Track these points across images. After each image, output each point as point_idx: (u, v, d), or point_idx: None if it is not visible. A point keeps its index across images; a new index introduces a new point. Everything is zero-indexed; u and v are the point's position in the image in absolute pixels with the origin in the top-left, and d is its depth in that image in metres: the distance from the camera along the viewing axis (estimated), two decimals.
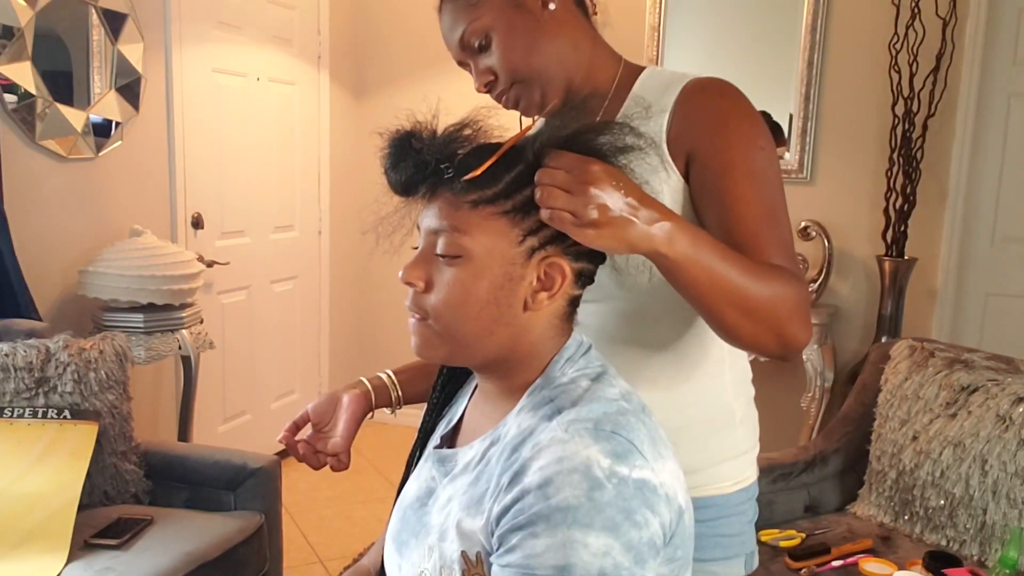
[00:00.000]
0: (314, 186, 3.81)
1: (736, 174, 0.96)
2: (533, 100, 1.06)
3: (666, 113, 1.01)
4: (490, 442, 0.80)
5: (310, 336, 3.86)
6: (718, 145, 0.98)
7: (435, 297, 0.79)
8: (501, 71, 1.04)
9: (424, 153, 0.78)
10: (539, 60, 1.03)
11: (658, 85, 1.05)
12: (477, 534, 0.75)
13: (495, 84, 1.06)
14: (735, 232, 0.94)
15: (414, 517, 0.85)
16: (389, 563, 0.88)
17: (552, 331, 0.81)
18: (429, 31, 3.96)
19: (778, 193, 0.98)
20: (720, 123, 0.99)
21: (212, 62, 3.11)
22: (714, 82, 1.03)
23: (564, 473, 0.69)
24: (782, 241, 0.96)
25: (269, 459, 2.19)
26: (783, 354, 0.91)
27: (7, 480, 1.84)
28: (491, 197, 0.77)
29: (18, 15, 2.33)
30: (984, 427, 1.93)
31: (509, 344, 0.79)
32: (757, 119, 1.00)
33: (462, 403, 0.94)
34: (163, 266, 2.46)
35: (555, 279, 0.78)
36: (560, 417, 0.75)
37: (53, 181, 2.51)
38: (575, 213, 0.75)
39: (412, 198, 0.81)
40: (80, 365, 2.03)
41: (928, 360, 2.12)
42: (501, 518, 0.72)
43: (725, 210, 0.96)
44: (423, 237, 0.81)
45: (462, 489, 0.80)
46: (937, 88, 3.02)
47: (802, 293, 0.91)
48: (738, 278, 0.85)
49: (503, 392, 0.83)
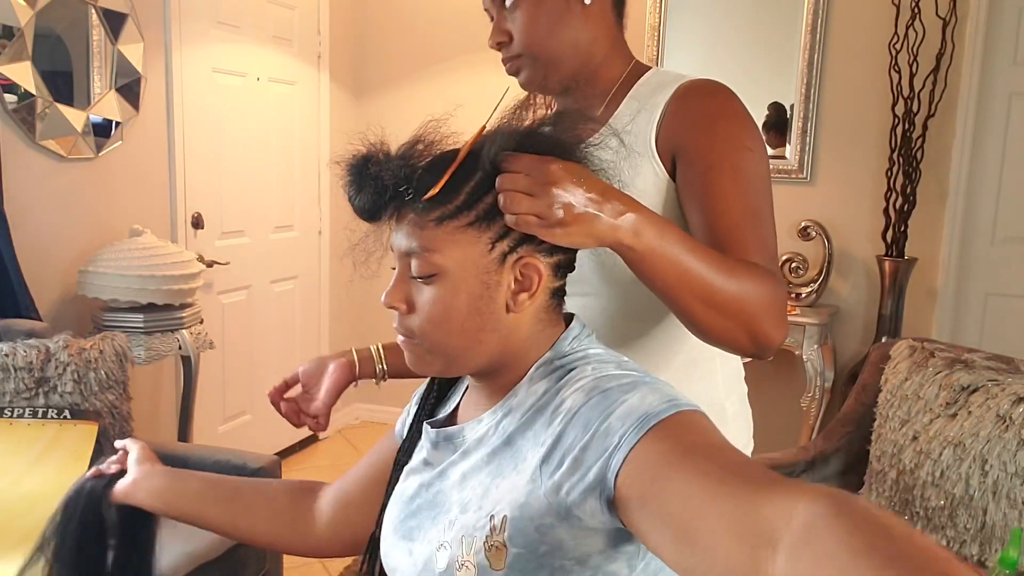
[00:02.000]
0: (314, 186, 3.81)
1: (720, 171, 0.97)
2: (535, 77, 1.08)
3: (657, 111, 1.02)
4: (502, 414, 0.81)
5: (310, 336, 3.85)
6: (703, 143, 0.99)
7: (418, 317, 0.79)
8: (517, 39, 1.06)
9: (382, 177, 0.77)
10: (555, 44, 1.05)
11: (655, 86, 1.06)
12: (504, 494, 0.74)
13: (506, 47, 1.07)
14: (715, 228, 0.95)
15: (424, 502, 0.84)
16: (394, 553, 0.86)
17: (541, 324, 0.82)
18: (429, 31, 3.99)
19: (762, 194, 0.98)
20: (707, 122, 1.00)
21: (212, 62, 3.11)
22: (706, 83, 1.04)
23: (603, 379, 0.73)
24: (762, 240, 0.95)
25: (269, 459, 2.19)
26: (756, 352, 0.91)
27: (7, 480, 1.84)
28: (454, 212, 0.77)
29: (18, 15, 2.33)
30: (984, 427, 1.93)
31: (499, 347, 0.80)
32: (746, 120, 1.01)
33: (454, 400, 0.94)
34: (163, 266, 2.46)
35: (532, 278, 0.79)
36: (578, 368, 0.78)
37: (53, 181, 2.51)
38: (540, 215, 0.75)
39: (379, 222, 0.82)
40: (80, 365, 2.03)
41: (928, 360, 2.12)
42: (552, 451, 0.71)
43: (707, 207, 0.97)
44: (397, 259, 0.82)
45: (479, 462, 0.80)
46: (937, 88, 3.02)
47: (777, 291, 0.90)
48: (706, 271, 0.85)
49: (502, 384, 0.83)
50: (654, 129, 1.02)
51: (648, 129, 1.02)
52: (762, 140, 1.02)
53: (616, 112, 1.07)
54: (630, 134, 1.03)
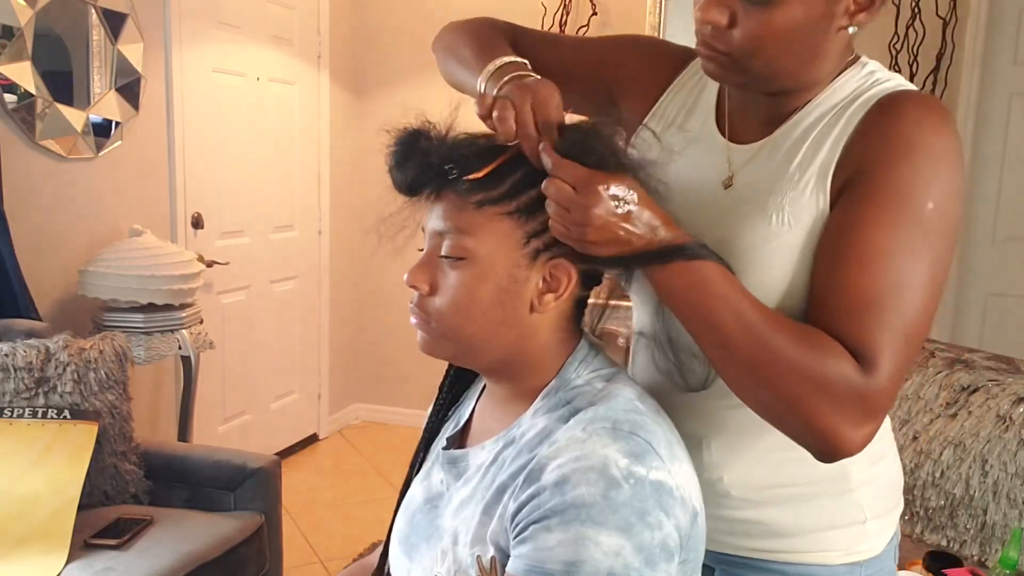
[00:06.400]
0: (314, 186, 3.81)
1: (874, 225, 0.76)
2: (730, 79, 0.86)
3: (847, 133, 0.82)
4: (504, 444, 0.80)
5: (310, 336, 3.85)
6: (876, 180, 0.77)
7: (439, 300, 0.78)
8: (743, 42, 0.80)
9: (431, 153, 0.77)
10: (782, 64, 0.82)
11: (843, 98, 0.85)
12: (493, 537, 0.74)
13: (721, 34, 0.80)
14: (830, 290, 0.76)
15: (424, 520, 0.85)
16: (397, 566, 0.87)
17: (560, 333, 0.81)
18: (429, 31, 3.96)
19: (923, 267, 0.75)
20: (894, 153, 0.77)
21: (212, 62, 3.11)
22: (917, 98, 0.81)
23: (581, 471, 0.69)
24: (893, 330, 0.74)
25: (269, 459, 2.19)
26: (817, 446, 0.74)
27: (7, 480, 1.83)
28: (496, 198, 0.76)
29: (18, 15, 2.33)
30: (984, 427, 1.93)
31: (516, 346, 0.79)
32: (946, 163, 0.77)
33: (469, 404, 0.93)
34: (163, 266, 2.46)
35: (561, 280, 0.78)
36: (578, 417, 0.74)
37: (53, 181, 2.50)
38: (578, 237, 0.73)
39: (416, 198, 0.81)
40: (80, 365, 2.03)
41: (928, 360, 2.12)
42: (517, 514, 0.72)
43: (836, 261, 0.77)
44: (428, 239, 0.80)
45: (476, 492, 0.79)
46: (937, 88, 3.02)
47: (858, 379, 0.72)
48: (749, 319, 0.73)
49: (513, 395, 0.82)
50: (837, 154, 0.81)
51: (829, 157, 0.82)
52: (960, 194, 0.78)
53: (791, 139, 0.86)
54: (792, 158, 0.84)
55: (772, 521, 0.89)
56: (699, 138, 0.93)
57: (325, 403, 3.96)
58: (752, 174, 0.87)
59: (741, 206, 0.85)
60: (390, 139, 0.80)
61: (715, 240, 0.80)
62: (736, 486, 0.89)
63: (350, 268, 4.06)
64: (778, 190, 0.83)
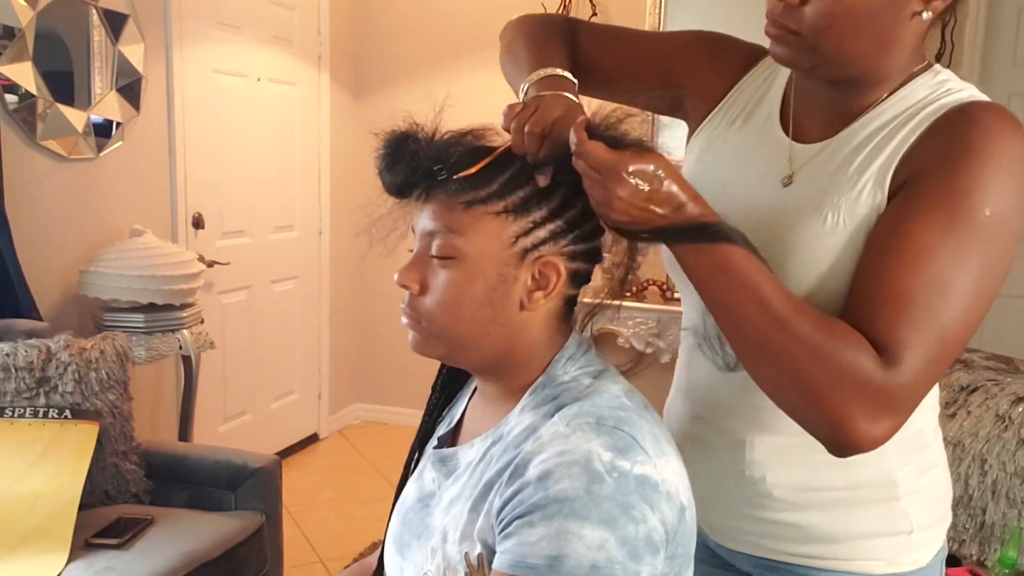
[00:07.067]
0: (314, 186, 3.81)
1: (929, 219, 0.74)
2: (798, 62, 0.84)
3: (911, 139, 0.81)
4: (492, 441, 0.80)
5: (310, 336, 3.86)
6: (934, 180, 0.76)
7: (430, 299, 0.79)
8: (813, 23, 0.79)
9: (420, 155, 0.77)
10: (854, 47, 0.80)
11: (912, 105, 0.84)
12: (480, 534, 0.75)
13: (792, 11, 0.80)
14: (866, 281, 0.76)
15: (415, 519, 0.85)
16: (390, 564, 0.87)
17: (549, 331, 0.81)
18: (429, 31, 3.99)
19: (970, 271, 0.73)
20: (957, 155, 0.76)
21: (212, 62, 3.11)
22: (987, 108, 0.79)
23: (564, 465, 0.69)
24: (924, 328, 0.72)
25: (269, 459, 2.19)
26: (830, 437, 0.73)
27: (7, 480, 1.84)
28: (484, 197, 0.77)
29: (19, 15, 2.33)
30: (983, 427, 1.93)
31: (506, 345, 0.80)
32: (1013, 174, 0.75)
33: (461, 404, 0.94)
34: (163, 266, 2.46)
35: (550, 278, 0.78)
36: (562, 412, 0.75)
37: (54, 181, 2.51)
38: (603, 214, 0.75)
39: (407, 200, 0.81)
40: (81, 365, 2.03)
41: None
42: (502, 510, 0.72)
43: (879, 254, 0.76)
44: (418, 239, 0.81)
45: (464, 490, 0.80)
46: None
47: (878, 374, 0.71)
48: (768, 298, 0.72)
49: (503, 393, 0.83)
50: (899, 156, 0.80)
51: (890, 157, 0.81)
52: (1021, 210, 0.76)
53: (851, 146, 0.85)
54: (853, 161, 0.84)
55: (814, 525, 0.88)
56: (761, 136, 0.93)
57: (325, 403, 3.96)
58: (812, 173, 0.87)
59: (797, 204, 0.85)
60: (379, 142, 0.81)
61: (768, 236, 0.81)
62: (779, 487, 0.88)
63: (350, 268, 4.06)
64: (835, 190, 0.83)
